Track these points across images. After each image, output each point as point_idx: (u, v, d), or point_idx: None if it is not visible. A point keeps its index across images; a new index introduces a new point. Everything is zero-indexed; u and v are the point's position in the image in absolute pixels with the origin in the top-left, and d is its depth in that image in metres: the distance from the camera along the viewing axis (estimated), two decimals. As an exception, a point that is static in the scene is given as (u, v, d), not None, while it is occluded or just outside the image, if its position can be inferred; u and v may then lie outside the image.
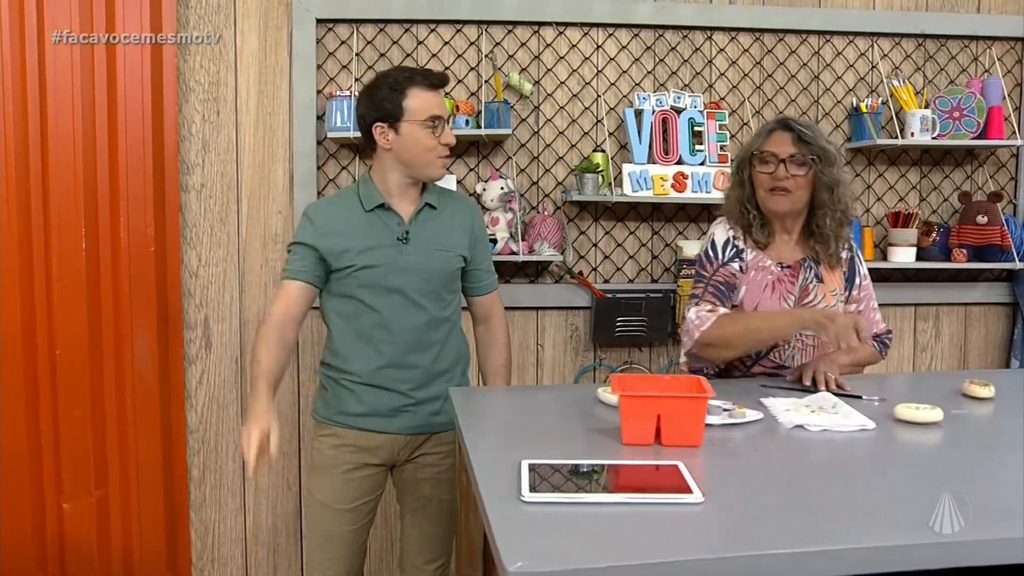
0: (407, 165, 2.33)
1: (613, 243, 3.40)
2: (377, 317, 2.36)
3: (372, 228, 2.35)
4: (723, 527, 1.34)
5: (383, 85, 2.30)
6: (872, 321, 2.47)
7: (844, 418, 1.94)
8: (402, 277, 2.35)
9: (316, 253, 2.34)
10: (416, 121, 2.28)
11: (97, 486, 3.18)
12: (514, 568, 1.17)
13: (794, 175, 2.31)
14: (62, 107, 3.03)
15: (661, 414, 1.72)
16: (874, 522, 1.35)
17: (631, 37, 3.35)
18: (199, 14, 3.17)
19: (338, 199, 2.47)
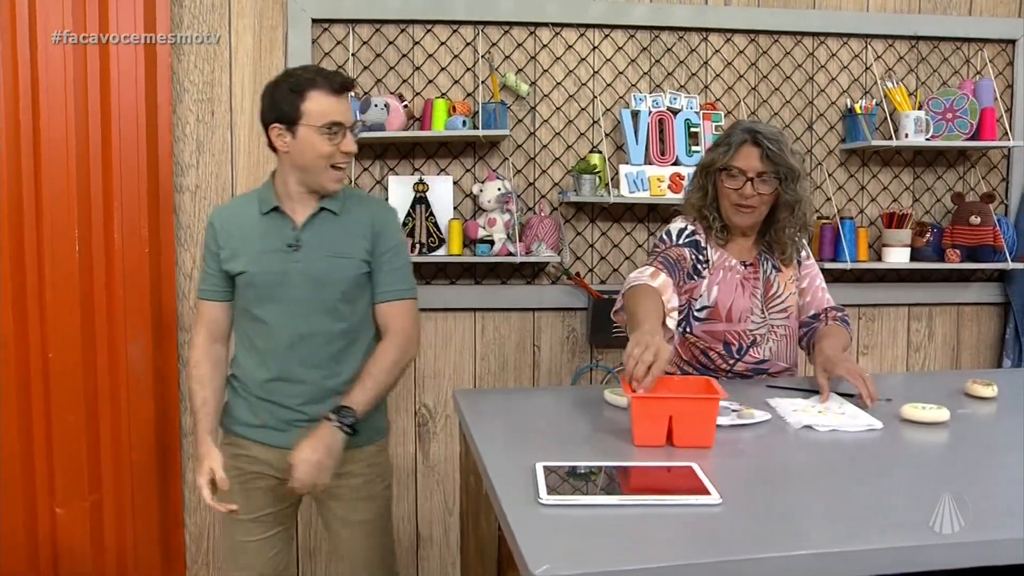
0: (302, 171, 2.18)
1: (609, 244, 3.40)
2: (264, 328, 2.23)
3: (265, 233, 2.22)
4: (744, 528, 1.34)
5: (284, 84, 2.16)
6: (821, 299, 2.50)
7: (851, 418, 1.95)
8: (291, 286, 2.20)
9: (219, 262, 2.25)
10: (313, 126, 2.12)
11: (91, 490, 3.14)
12: (540, 571, 1.16)
13: (760, 193, 2.33)
14: (55, 107, 3.00)
15: (673, 415, 1.72)
16: (893, 523, 1.35)
17: (627, 38, 3.35)
18: (193, 13, 3.15)
19: (241, 200, 2.35)
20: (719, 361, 2.41)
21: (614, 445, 1.77)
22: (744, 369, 2.42)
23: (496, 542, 1.63)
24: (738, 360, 2.41)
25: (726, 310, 2.39)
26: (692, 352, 2.44)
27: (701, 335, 2.41)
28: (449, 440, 3.37)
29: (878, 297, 3.55)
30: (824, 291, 2.52)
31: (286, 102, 2.13)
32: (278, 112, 2.15)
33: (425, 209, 3.20)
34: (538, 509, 1.38)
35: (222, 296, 2.28)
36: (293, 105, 2.13)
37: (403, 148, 3.28)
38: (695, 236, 2.43)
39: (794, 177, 2.32)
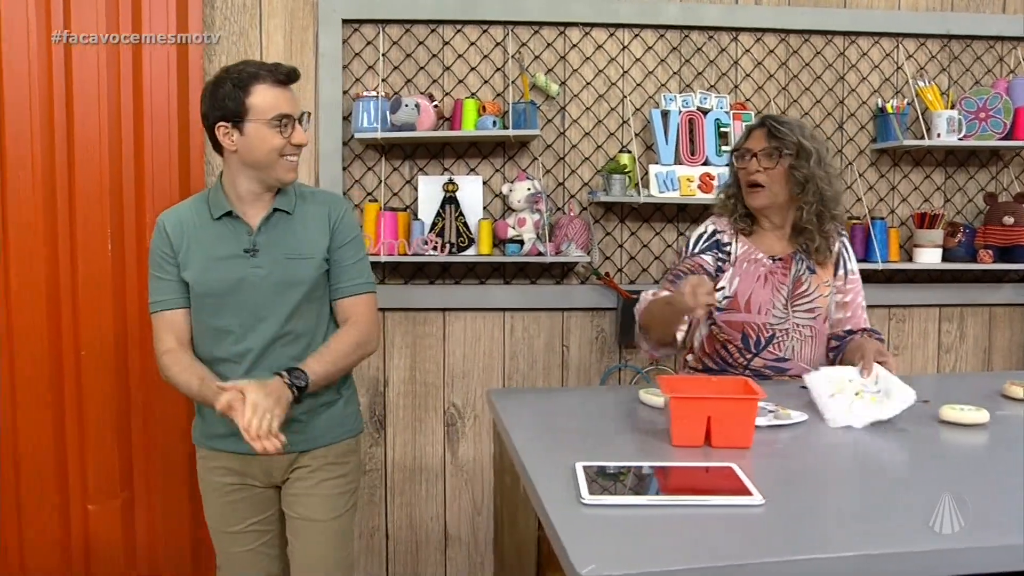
0: (254, 168, 2.12)
1: (639, 244, 3.39)
2: (227, 336, 2.16)
3: (219, 239, 2.15)
4: (788, 530, 1.33)
5: (226, 81, 2.08)
6: (860, 317, 2.50)
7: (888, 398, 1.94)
8: (251, 292, 2.14)
9: (176, 267, 2.16)
10: (262, 120, 2.07)
11: (122, 487, 3.17)
12: (586, 571, 1.16)
13: (765, 168, 2.37)
14: (88, 108, 3.03)
15: (712, 416, 1.71)
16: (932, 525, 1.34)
17: (657, 38, 3.34)
18: (225, 14, 3.17)
19: (190, 205, 2.24)
20: (736, 355, 2.41)
21: (651, 445, 1.76)
22: (762, 365, 2.40)
23: (535, 542, 1.63)
24: (755, 355, 2.40)
25: (745, 300, 2.40)
26: (714, 346, 2.45)
27: (722, 325, 2.42)
28: (478, 440, 3.38)
29: (909, 298, 3.52)
30: (863, 310, 2.51)
31: (230, 99, 2.07)
32: (222, 110, 2.08)
33: (455, 209, 3.20)
34: (580, 509, 1.38)
35: (183, 303, 2.18)
36: (238, 101, 2.06)
37: (433, 148, 3.28)
38: (716, 236, 2.48)
39: (804, 154, 2.34)
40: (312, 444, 2.25)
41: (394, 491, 3.38)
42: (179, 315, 2.19)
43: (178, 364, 2.15)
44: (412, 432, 3.36)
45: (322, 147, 3.20)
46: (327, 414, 2.27)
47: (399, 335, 3.32)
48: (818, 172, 2.35)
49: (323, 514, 2.27)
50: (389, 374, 3.34)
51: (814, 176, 2.35)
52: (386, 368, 3.33)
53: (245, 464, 2.23)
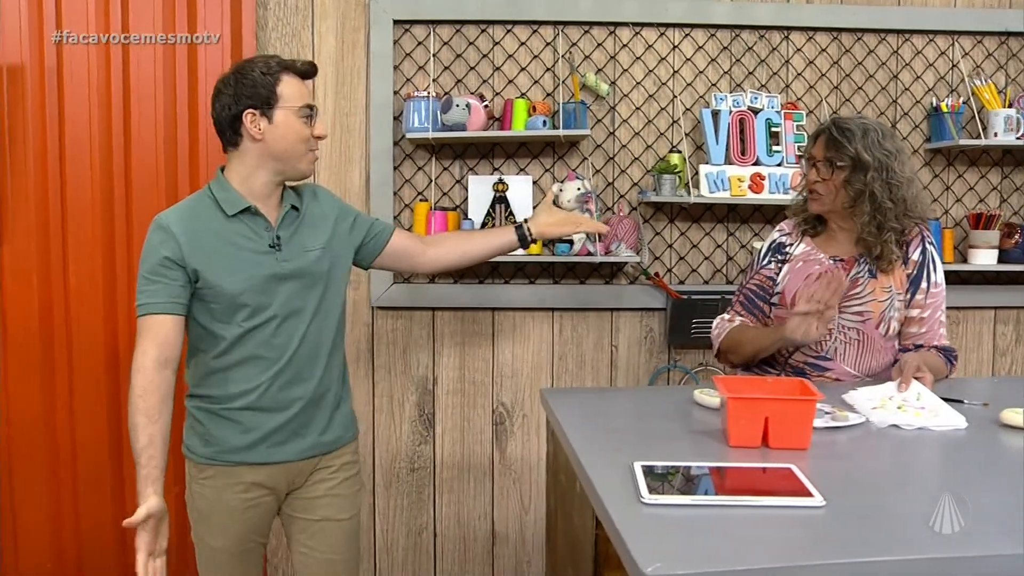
0: (278, 159, 2.09)
1: (688, 244, 3.38)
2: (263, 332, 2.10)
3: (240, 236, 2.09)
4: (850, 532, 1.32)
5: (252, 69, 2.06)
6: (936, 333, 2.42)
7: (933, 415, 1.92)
8: (281, 288, 2.11)
9: (184, 273, 2.03)
10: (291, 108, 2.06)
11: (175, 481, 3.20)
12: (651, 570, 1.16)
13: (824, 179, 2.37)
14: (144, 107, 3.09)
15: (769, 416, 1.70)
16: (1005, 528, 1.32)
17: (707, 37, 3.33)
18: (277, 16, 3.20)
19: (191, 207, 2.13)
20: (782, 349, 2.39)
21: (708, 445, 1.76)
22: (801, 361, 2.38)
23: (592, 541, 1.64)
24: (797, 349, 2.38)
25: (791, 297, 2.38)
26: None
27: (774, 318, 2.44)
28: (526, 439, 3.39)
29: (963, 300, 3.46)
30: (942, 325, 2.43)
31: (261, 85, 2.04)
32: (252, 97, 2.04)
33: (505, 208, 3.21)
34: (640, 509, 1.38)
35: (180, 309, 2.05)
36: (269, 88, 2.05)
37: (483, 148, 3.30)
38: (780, 240, 2.52)
39: (861, 167, 2.30)
40: (335, 445, 2.25)
41: (442, 489, 3.40)
42: (168, 322, 2.02)
43: (144, 400, 1.99)
44: (460, 431, 3.38)
45: (373, 147, 3.22)
46: (340, 412, 2.27)
47: (448, 334, 3.34)
48: (875, 185, 2.30)
49: (346, 512, 2.28)
50: (439, 372, 3.36)
51: (869, 189, 2.30)
52: (435, 367, 3.35)
53: (272, 474, 2.16)
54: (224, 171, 2.15)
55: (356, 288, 3.28)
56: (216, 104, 2.09)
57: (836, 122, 2.38)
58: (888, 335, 2.37)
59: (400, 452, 3.38)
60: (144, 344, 2.01)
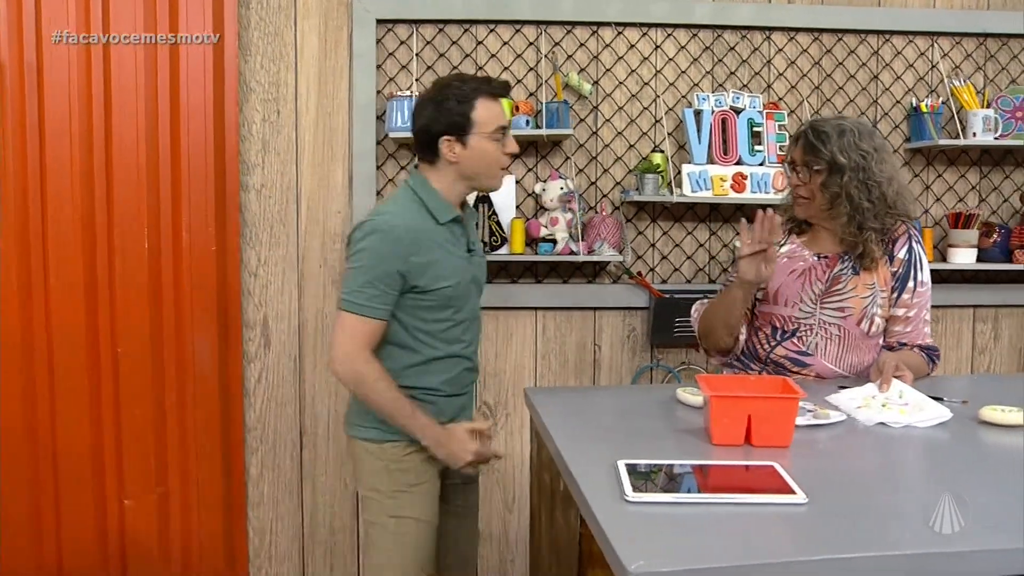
0: (470, 178, 2.26)
1: (671, 243, 3.39)
2: (459, 330, 2.30)
3: (450, 243, 2.26)
4: (833, 528, 1.33)
5: (449, 96, 2.20)
6: (920, 332, 2.43)
7: (918, 409, 1.94)
8: (473, 290, 2.34)
9: (402, 281, 2.17)
10: (485, 133, 2.20)
11: (157, 483, 3.21)
12: (634, 568, 1.16)
13: (804, 183, 2.38)
14: (125, 107, 3.07)
15: (752, 415, 1.71)
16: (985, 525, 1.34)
17: (690, 37, 3.34)
18: (260, 15, 3.19)
19: (403, 211, 2.24)
20: (764, 342, 2.42)
21: (691, 443, 1.76)
22: (782, 355, 2.39)
23: (576, 539, 1.64)
24: (778, 343, 2.39)
25: (774, 292, 2.41)
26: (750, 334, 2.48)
27: (759, 314, 2.46)
28: (509, 438, 3.39)
29: (943, 298, 3.48)
30: (927, 324, 2.44)
31: (456, 113, 2.18)
32: (448, 123, 2.19)
33: (488, 208, 3.21)
34: (624, 507, 1.38)
35: (390, 314, 2.20)
36: (464, 115, 2.18)
37: (465, 147, 3.29)
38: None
39: (837, 169, 2.31)
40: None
41: (425, 489, 3.40)
42: (381, 328, 2.19)
43: (386, 379, 2.17)
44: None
45: (356, 146, 3.22)
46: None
47: (431, 333, 3.34)
48: (851, 186, 2.31)
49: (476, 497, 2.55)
50: (421, 372, 3.35)
51: (846, 191, 2.31)
52: (418, 366, 3.35)
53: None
54: (422, 174, 2.28)
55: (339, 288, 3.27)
56: (415, 122, 2.26)
57: (813, 125, 2.39)
58: (870, 333, 2.37)
59: (383, 452, 3.37)
60: (362, 340, 2.16)
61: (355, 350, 2.16)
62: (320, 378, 3.32)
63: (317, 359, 3.31)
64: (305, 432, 3.34)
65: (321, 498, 3.37)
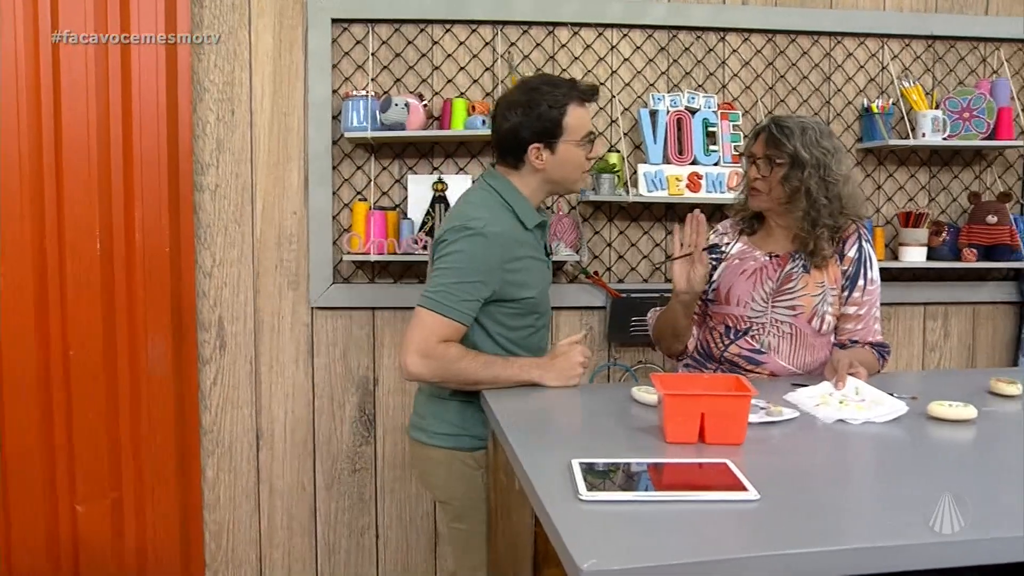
0: (554, 183, 2.25)
1: (627, 243, 3.41)
2: (538, 337, 2.31)
3: (535, 249, 2.24)
4: (783, 524, 1.35)
5: (540, 102, 2.15)
6: (871, 330, 2.47)
7: (876, 404, 1.97)
8: (548, 294, 2.36)
9: (492, 289, 2.13)
10: (573, 140, 2.18)
11: (111, 488, 3.17)
12: (587, 566, 1.17)
13: (763, 176, 2.39)
14: (76, 107, 3.03)
15: (705, 412, 1.73)
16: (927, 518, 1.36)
17: (645, 38, 3.36)
18: (214, 13, 3.16)
19: (501, 216, 2.18)
20: (718, 341, 2.44)
21: (645, 441, 1.77)
22: (736, 353, 2.42)
23: (531, 538, 1.64)
24: (732, 342, 2.42)
25: (725, 292, 2.45)
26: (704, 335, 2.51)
27: (712, 314, 2.49)
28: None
29: (894, 296, 3.54)
30: (877, 321, 2.48)
31: (547, 119, 2.15)
32: (539, 130, 2.16)
33: (444, 208, 3.21)
34: (578, 505, 1.39)
35: (472, 320, 2.15)
36: (555, 122, 2.15)
37: (422, 147, 3.29)
38: (714, 241, 2.55)
39: (799, 165, 2.33)
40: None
41: (384, 490, 3.39)
42: (460, 331, 2.12)
43: (466, 351, 2.12)
44: (402, 431, 3.36)
45: (311, 146, 3.20)
46: None
47: (389, 334, 3.33)
48: (811, 182, 2.33)
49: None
50: (379, 373, 3.34)
51: (805, 186, 2.34)
52: (376, 367, 3.34)
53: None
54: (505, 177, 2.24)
55: (295, 288, 3.26)
56: (502, 124, 2.20)
57: (776, 120, 2.41)
58: (821, 330, 2.40)
59: (341, 453, 3.35)
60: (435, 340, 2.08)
61: (432, 347, 2.08)
62: (277, 379, 3.29)
63: (273, 360, 3.28)
64: (262, 434, 3.31)
65: (279, 500, 3.34)
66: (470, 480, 2.23)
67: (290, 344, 3.28)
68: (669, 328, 2.48)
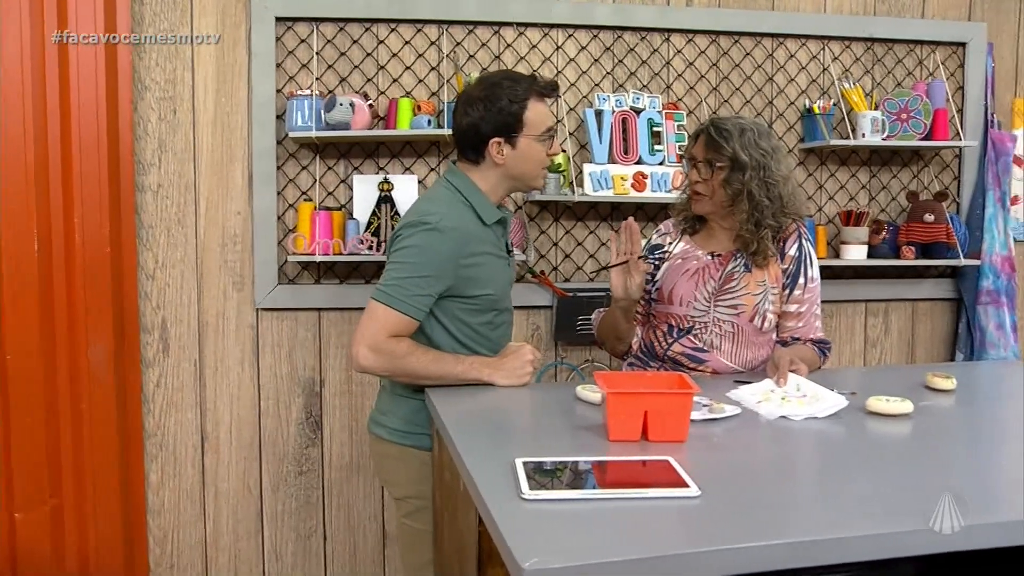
0: (514, 179, 2.24)
1: (574, 242, 3.43)
2: (499, 332, 2.30)
3: (494, 245, 2.24)
4: (723, 519, 1.36)
5: (501, 97, 2.15)
6: (812, 327, 2.51)
7: (816, 400, 2.01)
8: (508, 292, 2.34)
9: (446, 284, 2.13)
10: (534, 135, 2.18)
11: (51, 495, 3.10)
12: (528, 565, 1.17)
13: (705, 179, 2.41)
14: (11, 105, 2.96)
15: (648, 410, 1.74)
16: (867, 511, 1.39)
17: (591, 38, 3.38)
18: (155, 11, 3.12)
19: (458, 211, 2.18)
20: (661, 340, 2.46)
21: (589, 440, 1.78)
22: (679, 352, 2.44)
23: (475, 537, 1.64)
24: (675, 341, 2.44)
25: (668, 292, 2.47)
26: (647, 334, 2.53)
27: (655, 313, 2.51)
28: (415, 439, 3.37)
29: (836, 293, 3.61)
30: (818, 318, 2.52)
31: (508, 114, 2.15)
32: (499, 124, 2.15)
33: (390, 208, 3.20)
34: (521, 504, 1.39)
35: (425, 316, 2.14)
36: (515, 117, 2.15)
37: (367, 147, 3.27)
38: (657, 241, 2.57)
39: (739, 167, 2.36)
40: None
41: (331, 492, 3.37)
42: (412, 326, 2.12)
43: (415, 346, 2.12)
44: (349, 432, 3.35)
45: (256, 146, 3.17)
46: None
47: (335, 335, 3.31)
48: (752, 184, 2.36)
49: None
50: (325, 374, 3.32)
51: (747, 188, 2.36)
52: (322, 368, 3.32)
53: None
54: (464, 173, 2.23)
55: (240, 290, 3.22)
56: (462, 120, 2.20)
57: (714, 123, 2.43)
58: (763, 329, 2.44)
59: (287, 455, 3.33)
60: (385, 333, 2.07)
61: (381, 340, 2.08)
62: (222, 381, 3.25)
63: (218, 362, 3.25)
64: (207, 437, 3.27)
65: (224, 504, 3.30)
66: (425, 479, 2.22)
67: (235, 346, 3.25)
68: (611, 331, 2.51)
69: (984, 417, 2.14)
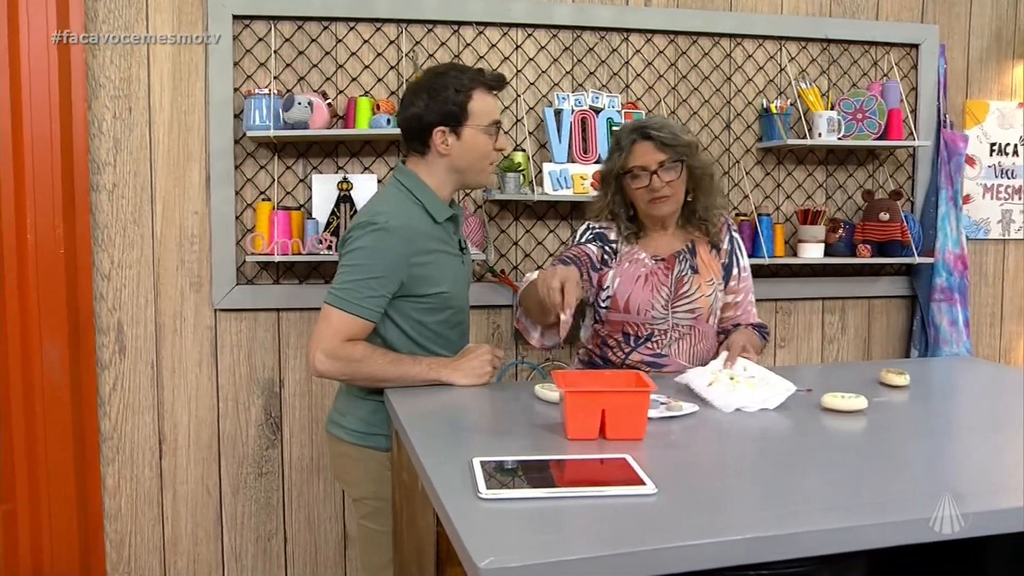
0: (460, 172, 2.22)
1: (533, 241, 3.43)
2: (456, 332, 2.30)
3: (445, 242, 2.23)
4: (678, 517, 1.37)
5: (447, 85, 2.15)
6: (749, 313, 2.59)
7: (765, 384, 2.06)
8: (465, 288, 2.34)
9: (399, 284, 2.13)
10: (479, 126, 2.18)
11: (4, 499, 3.05)
12: (484, 564, 1.17)
13: (669, 181, 2.39)
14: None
15: (606, 409, 1.75)
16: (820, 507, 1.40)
17: (550, 38, 3.39)
18: (109, 8, 3.07)
19: (407, 210, 2.17)
20: (616, 349, 2.47)
21: (547, 439, 1.79)
22: (639, 360, 2.45)
23: (434, 538, 1.64)
24: (634, 349, 2.46)
25: (624, 301, 2.45)
26: (597, 341, 2.52)
27: (608, 322, 2.49)
28: (376, 439, 3.36)
29: (794, 291, 3.65)
30: (753, 305, 2.59)
31: (452, 103, 2.14)
32: (444, 114, 2.15)
33: (349, 208, 3.18)
34: (478, 503, 1.39)
35: (380, 317, 2.15)
36: (460, 106, 2.14)
37: (326, 146, 3.25)
38: (601, 230, 2.52)
39: (694, 150, 2.41)
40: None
41: (291, 493, 3.34)
42: (366, 328, 2.12)
43: (372, 349, 2.12)
44: (309, 433, 3.33)
45: (213, 145, 3.13)
46: None
47: (294, 335, 3.28)
48: (704, 178, 2.43)
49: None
50: (285, 375, 3.29)
51: (706, 172, 2.44)
52: (282, 369, 3.29)
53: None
54: (412, 170, 2.23)
55: (198, 290, 3.19)
56: (406, 111, 2.19)
57: (645, 126, 2.41)
58: (710, 322, 2.52)
59: (247, 457, 3.30)
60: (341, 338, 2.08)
61: (337, 345, 2.08)
62: (180, 383, 3.22)
63: (176, 364, 3.21)
64: (164, 440, 3.24)
65: (183, 507, 3.27)
66: (383, 479, 2.22)
67: (193, 347, 3.22)
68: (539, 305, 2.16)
69: (937, 412, 2.18)
